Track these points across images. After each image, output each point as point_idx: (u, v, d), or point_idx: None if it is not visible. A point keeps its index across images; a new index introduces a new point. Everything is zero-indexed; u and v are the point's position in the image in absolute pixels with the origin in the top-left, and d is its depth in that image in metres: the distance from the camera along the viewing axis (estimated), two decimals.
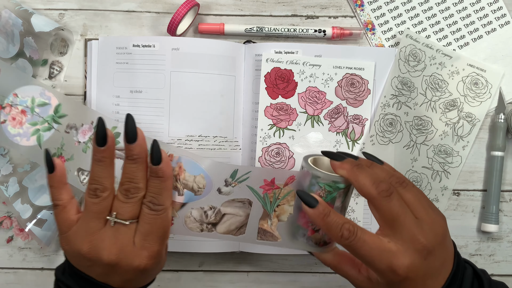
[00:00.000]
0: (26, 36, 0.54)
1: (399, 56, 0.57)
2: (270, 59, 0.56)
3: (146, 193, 0.39)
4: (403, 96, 0.56)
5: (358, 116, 0.56)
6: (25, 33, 0.54)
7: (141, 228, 0.38)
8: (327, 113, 0.56)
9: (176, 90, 0.55)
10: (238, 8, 0.59)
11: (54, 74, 0.57)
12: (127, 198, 0.38)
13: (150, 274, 0.41)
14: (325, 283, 0.59)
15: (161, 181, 0.39)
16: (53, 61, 0.57)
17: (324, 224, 0.38)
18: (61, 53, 0.57)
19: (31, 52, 0.55)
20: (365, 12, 0.59)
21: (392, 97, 0.56)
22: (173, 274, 0.59)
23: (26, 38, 0.54)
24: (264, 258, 0.59)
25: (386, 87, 0.56)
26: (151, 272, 0.41)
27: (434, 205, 0.40)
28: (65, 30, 0.57)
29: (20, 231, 0.57)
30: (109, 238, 0.38)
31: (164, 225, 0.39)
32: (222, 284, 0.59)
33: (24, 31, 0.54)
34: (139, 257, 0.38)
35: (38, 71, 0.57)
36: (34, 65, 0.56)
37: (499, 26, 0.59)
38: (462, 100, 0.57)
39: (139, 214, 0.39)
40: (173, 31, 0.56)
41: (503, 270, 0.59)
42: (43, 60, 0.57)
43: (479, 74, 0.57)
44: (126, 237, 0.38)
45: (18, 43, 0.54)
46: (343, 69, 0.56)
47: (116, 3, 0.58)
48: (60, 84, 0.57)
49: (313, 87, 0.56)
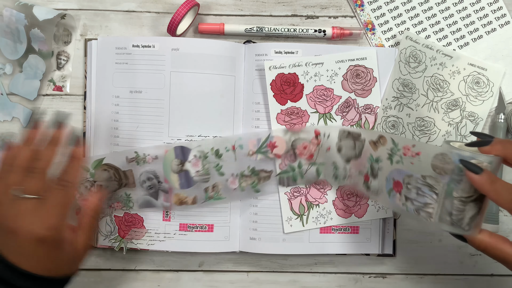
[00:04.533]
0: (32, 29, 0.54)
1: (399, 58, 0.57)
2: (273, 67, 0.56)
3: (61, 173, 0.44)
4: (404, 98, 0.56)
5: (369, 105, 0.56)
6: (30, 26, 0.54)
7: (44, 201, 0.42)
8: (338, 108, 0.56)
9: (176, 90, 0.55)
10: (238, 8, 0.59)
11: (62, 64, 0.57)
12: (34, 173, 0.43)
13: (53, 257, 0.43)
14: (325, 283, 0.59)
15: (71, 161, 0.45)
16: (59, 51, 0.57)
17: (493, 189, 0.39)
18: (65, 42, 0.57)
19: (40, 45, 0.55)
20: (365, 12, 0.59)
21: (394, 99, 0.56)
22: (173, 274, 0.59)
23: (32, 31, 0.55)
24: (264, 258, 0.59)
25: (387, 89, 0.56)
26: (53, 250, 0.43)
27: None
28: (66, 17, 0.57)
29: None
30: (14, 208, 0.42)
31: (67, 200, 0.43)
32: (222, 284, 0.59)
33: (29, 24, 0.54)
34: (38, 226, 0.41)
35: (51, 66, 0.57)
36: (45, 58, 0.56)
37: (499, 26, 0.59)
38: (464, 99, 0.57)
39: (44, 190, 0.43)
40: (173, 31, 0.56)
41: (503, 270, 0.59)
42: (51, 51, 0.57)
43: (480, 73, 0.57)
44: (28, 207, 0.42)
45: (25, 39, 0.55)
46: (346, 62, 0.56)
47: (116, 3, 0.58)
48: (69, 74, 0.57)
49: (319, 86, 0.56)
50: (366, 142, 0.52)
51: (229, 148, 0.55)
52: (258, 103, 0.56)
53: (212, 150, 0.54)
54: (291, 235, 0.56)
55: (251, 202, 0.57)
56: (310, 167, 0.55)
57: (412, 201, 0.45)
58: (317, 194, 0.56)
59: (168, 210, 0.56)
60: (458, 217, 0.42)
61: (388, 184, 0.47)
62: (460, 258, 0.59)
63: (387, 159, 0.48)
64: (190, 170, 0.54)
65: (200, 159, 0.54)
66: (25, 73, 0.56)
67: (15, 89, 0.57)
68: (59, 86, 0.57)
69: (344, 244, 0.57)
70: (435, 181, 0.43)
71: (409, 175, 0.45)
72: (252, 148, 0.55)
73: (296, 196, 0.56)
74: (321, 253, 0.57)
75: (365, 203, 0.57)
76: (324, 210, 0.56)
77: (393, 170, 0.47)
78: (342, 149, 0.54)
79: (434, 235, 0.59)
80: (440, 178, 0.43)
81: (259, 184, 0.55)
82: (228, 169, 0.55)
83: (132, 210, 0.56)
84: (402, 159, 0.46)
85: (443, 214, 0.43)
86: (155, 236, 0.56)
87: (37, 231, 0.41)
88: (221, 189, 0.55)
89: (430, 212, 0.43)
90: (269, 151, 0.55)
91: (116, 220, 0.56)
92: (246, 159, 0.55)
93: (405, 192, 0.45)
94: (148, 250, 0.57)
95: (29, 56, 0.56)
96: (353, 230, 0.57)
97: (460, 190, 0.42)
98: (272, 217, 0.56)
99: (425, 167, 0.44)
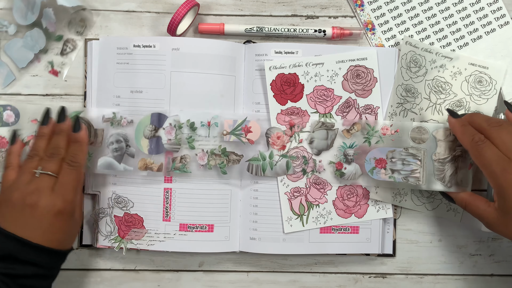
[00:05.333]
0: (47, 7, 0.55)
1: (401, 64, 0.56)
2: (273, 67, 0.56)
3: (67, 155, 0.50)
4: (408, 103, 0.56)
5: (369, 105, 0.56)
6: (47, 3, 0.55)
7: (60, 179, 0.49)
8: (338, 109, 0.56)
9: (176, 90, 0.55)
10: (238, 8, 0.59)
11: (66, 52, 0.57)
12: (51, 158, 0.49)
13: (66, 228, 0.49)
14: (325, 283, 0.59)
15: (78, 145, 0.51)
16: (67, 39, 0.57)
17: (462, 130, 0.51)
18: (77, 32, 0.57)
19: (48, 24, 0.56)
20: (365, 12, 0.59)
21: (398, 105, 0.56)
22: (173, 274, 0.59)
23: (46, 9, 0.55)
24: (264, 258, 0.59)
25: (391, 96, 0.56)
26: (67, 222, 0.49)
27: None
28: (86, 10, 0.57)
29: None
30: (33, 185, 0.48)
31: (79, 178, 0.50)
32: (222, 284, 0.59)
33: (46, 2, 0.55)
34: (57, 199, 0.47)
35: (51, 45, 0.58)
36: (48, 38, 0.57)
37: (499, 27, 0.59)
38: (468, 99, 0.57)
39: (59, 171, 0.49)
40: (173, 31, 0.56)
41: (503, 270, 0.59)
42: (58, 35, 0.57)
43: (481, 71, 0.57)
44: (47, 185, 0.48)
45: (37, 12, 0.55)
46: (346, 62, 0.56)
47: (116, 3, 0.58)
48: (70, 62, 0.57)
49: (319, 86, 0.56)
50: (339, 131, 0.56)
51: (204, 123, 0.55)
52: (258, 103, 0.56)
53: (188, 122, 0.55)
54: (291, 235, 0.56)
55: (251, 202, 0.57)
56: (280, 159, 0.56)
57: (399, 172, 0.54)
58: (317, 194, 0.56)
59: (129, 176, 0.56)
60: (440, 176, 0.54)
61: (369, 164, 0.55)
62: (460, 258, 0.59)
63: (364, 143, 0.55)
64: (163, 137, 0.55)
65: (174, 128, 0.55)
66: (24, 41, 0.57)
67: (8, 51, 0.57)
68: (55, 71, 0.57)
69: (344, 244, 0.57)
70: (416, 150, 0.54)
71: (391, 150, 0.54)
72: (227, 128, 0.55)
73: (296, 196, 0.56)
74: (321, 253, 0.57)
75: (365, 203, 0.57)
76: (324, 210, 0.56)
77: (373, 150, 0.55)
78: (314, 141, 0.55)
79: (434, 235, 0.59)
80: (420, 147, 0.54)
81: (227, 166, 0.55)
82: (199, 144, 0.55)
83: (89, 170, 0.55)
84: (382, 138, 0.55)
85: (428, 176, 0.54)
86: (155, 236, 0.56)
87: (57, 204, 0.47)
88: (189, 162, 0.55)
89: (417, 176, 0.54)
90: (243, 135, 0.55)
91: (116, 221, 0.56)
92: (219, 138, 0.55)
93: (390, 165, 0.54)
94: (148, 251, 0.57)
95: (34, 28, 0.56)
96: (353, 230, 0.57)
97: (437, 154, 0.54)
98: (272, 217, 0.56)
99: (405, 140, 0.55)
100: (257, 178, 0.56)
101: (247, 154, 0.56)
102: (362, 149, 0.55)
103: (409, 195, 0.57)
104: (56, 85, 0.58)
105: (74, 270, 0.58)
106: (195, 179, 0.56)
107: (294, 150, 0.56)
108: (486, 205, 0.50)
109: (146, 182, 0.56)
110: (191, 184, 0.56)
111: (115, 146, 0.55)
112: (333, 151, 0.56)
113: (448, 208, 0.58)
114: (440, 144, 0.54)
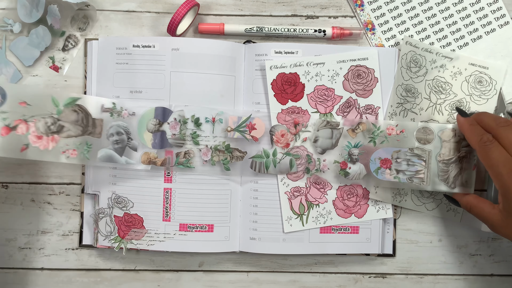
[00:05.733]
0: (52, 4, 0.55)
1: (401, 64, 0.57)
2: (274, 66, 0.56)
3: None
4: (408, 103, 0.56)
5: (370, 106, 0.56)
6: (51, 0, 0.55)
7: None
8: (338, 109, 0.56)
9: (176, 90, 0.55)
10: (238, 8, 0.59)
11: (68, 48, 0.57)
12: None
13: None
14: (325, 283, 0.59)
15: None
16: (69, 35, 0.57)
17: (470, 129, 0.50)
18: (79, 29, 0.57)
19: (53, 21, 0.56)
20: (365, 12, 0.59)
21: (398, 105, 0.56)
22: (173, 274, 0.59)
23: (51, 6, 0.55)
24: (264, 258, 0.59)
25: (391, 96, 0.56)
26: None
27: None
28: (90, 8, 0.57)
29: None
30: None
31: None
32: (222, 284, 0.59)
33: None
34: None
35: (57, 42, 0.58)
36: (54, 35, 0.57)
37: (499, 27, 0.59)
38: (468, 99, 0.57)
39: None
40: (173, 31, 0.56)
41: (503, 270, 0.59)
42: (62, 31, 0.57)
43: (482, 72, 0.57)
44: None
45: (42, 9, 0.55)
46: (347, 62, 0.56)
47: (116, 3, 0.58)
48: (71, 58, 0.57)
49: (320, 86, 0.56)
50: (344, 130, 0.55)
51: (209, 119, 0.55)
52: (258, 103, 0.56)
53: (193, 117, 0.55)
54: (291, 235, 0.56)
55: (251, 202, 0.57)
56: (284, 157, 0.56)
57: (404, 172, 0.54)
58: (317, 194, 0.56)
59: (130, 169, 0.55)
60: (444, 177, 0.54)
61: (374, 164, 0.55)
62: (460, 258, 0.59)
63: (369, 143, 0.55)
64: (167, 132, 0.55)
65: (179, 123, 0.55)
66: (30, 39, 0.57)
67: (14, 49, 0.57)
68: (56, 66, 0.57)
69: (344, 244, 0.57)
70: (421, 151, 0.54)
71: (396, 150, 0.54)
72: (231, 125, 0.55)
73: (296, 195, 0.56)
74: (321, 253, 0.57)
75: (365, 203, 0.57)
76: (324, 210, 0.56)
77: (378, 150, 0.55)
78: (319, 140, 0.55)
79: (434, 235, 0.59)
80: (425, 147, 0.54)
81: (231, 163, 0.55)
82: (203, 140, 0.55)
83: (88, 162, 0.54)
84: (387, 138, 0.55)
85: (432, 177, 0.54)
86: (155, 237, 0.56)
87: None
88: (192, 158, 0.55)
89: (421, 177, 0.54)
90: (247, 131, 0.55)
91: (116, 221, 0.56)
92: (223, 134, 0.55)
93: (395, 166, 0.55)
94: (148, 251, 0.57)
95: (39, 26, 0.56)
96: (353, 230, 0.57)
97: (442, 154, 0.54)
98: (272, 217, 0.56)
99: (410, 141, 0.55)
100: (259, 176, 0.56)
101: (250, 151, 0.56)
102: (367, 149, 0.55)
103: (409, 195, 0.57)
104: (56, 85, 0.58)
105: (74, 270, 0.58)
106: (195, 179, 0.56)
107: (298, 148, 0.56)
108: (490, 207, 0.50)
109: (146, 182, 0.56)
110: (191, 184, 0.56)
111: (115, 138, 0.55)
112: (338, 150, 0.56)
113: (448, 208, 0.58)
114: (445, 145, 0.54)
